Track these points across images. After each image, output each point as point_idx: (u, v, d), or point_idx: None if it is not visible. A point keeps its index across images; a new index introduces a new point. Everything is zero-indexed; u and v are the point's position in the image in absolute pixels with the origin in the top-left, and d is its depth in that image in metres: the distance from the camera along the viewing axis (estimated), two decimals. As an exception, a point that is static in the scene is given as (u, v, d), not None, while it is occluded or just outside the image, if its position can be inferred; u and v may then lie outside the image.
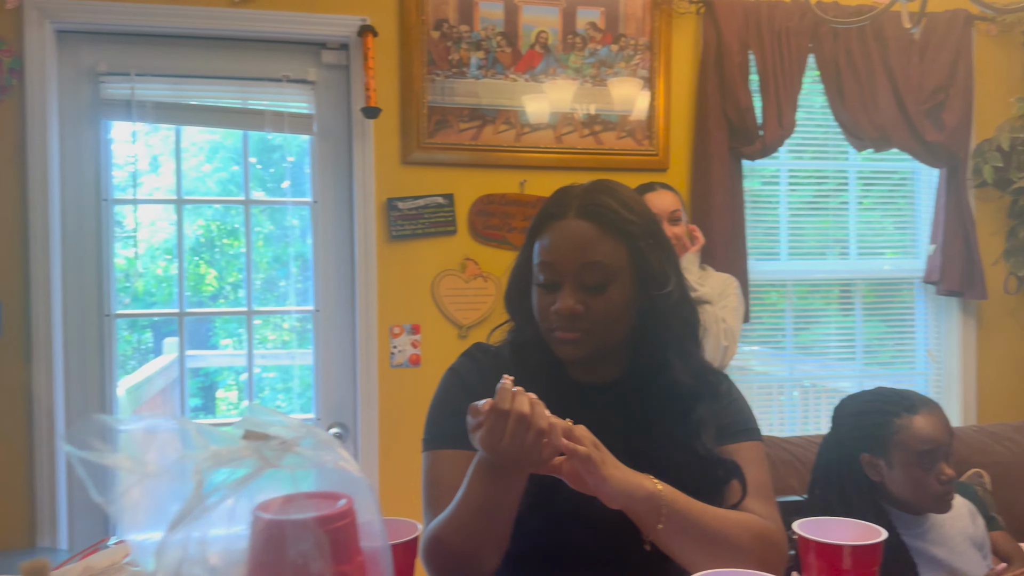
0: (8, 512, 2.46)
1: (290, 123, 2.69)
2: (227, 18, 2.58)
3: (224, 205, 3.25)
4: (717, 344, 2.36)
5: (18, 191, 2.47)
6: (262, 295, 2.79)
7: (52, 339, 2.49)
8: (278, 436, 0.50)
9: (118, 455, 0.43)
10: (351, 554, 0.52)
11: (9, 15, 2.45)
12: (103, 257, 2.60)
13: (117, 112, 2.57)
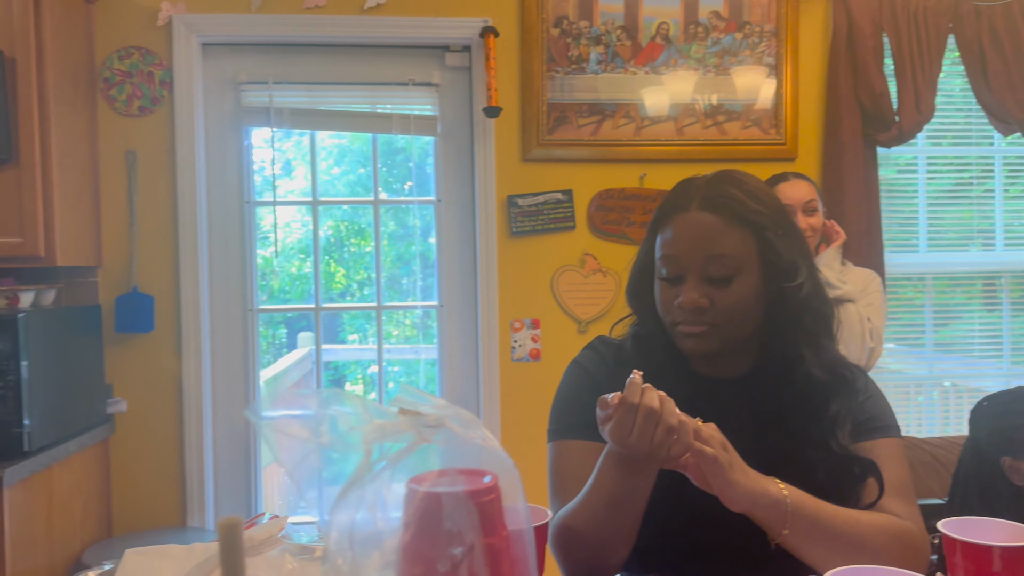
0: (162, 495, 2.66)
1: (416, 125, 2.78)
2: (356, 26, 2.69)
3: (352, 206, 3.39)
4: (862, 345, 2.23)
5: (169, 195, 2.67)
6: (386, 292, 2.90)
7: (200, 333, 2.67)
8: (430, 413, 0.53)
9: (298, 425, 0.47)
10: (497, 528, 0.55)
11: (160, 31, 2.65)
12: (246, 256, 2.77)
13: (257, 119, 2.74)
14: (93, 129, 2.60)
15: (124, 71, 2.62)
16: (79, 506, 2.42)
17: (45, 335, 2.24)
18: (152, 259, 2.66)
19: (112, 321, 2.62)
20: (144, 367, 2.66)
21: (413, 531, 0.48)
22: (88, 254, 2.54)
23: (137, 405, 2.65)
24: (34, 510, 2.16)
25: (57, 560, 2.28)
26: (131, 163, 2.64)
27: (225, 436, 2.76)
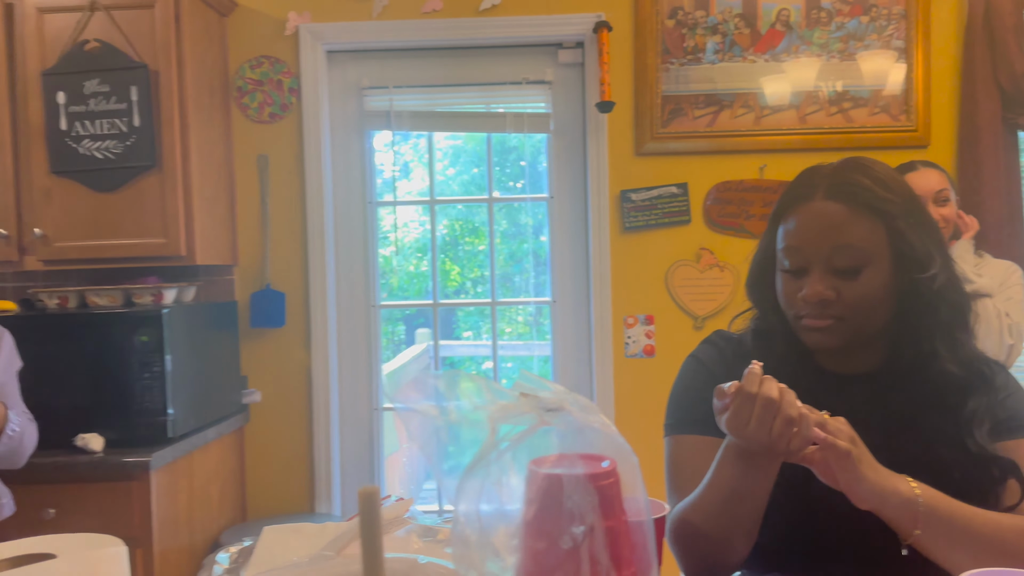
0: (292, 481, 2.81)
1: (529, 123, 2.81)
2: (472, 27, 2.75)
3: (466, 205, 3.46)
4: (1000, 342, 2.09)
5: (298, 196, 2.81)
6: (499, 290, 2.95)
7: (328, 328, 2.80)
8: (550, 397, 0.54)
9: (427, 404, 0.49)
10: (616, 511, 0.56)
11: (288, 40, 2.79)
12: (368, 254, 2.88)
13: (378, 122, 2.84)
14: (228, 135, 2.77)
15: (255, 80, 2.78)
16: (216, 490, 2.59)
17: (187, 330, 2.41)
18: (283, 257, 2.81)
19: (247, 316, 2.78)
20: (276, 360, 2.81)
21: (536, 508, 0.49)
22: (225, 253, 2.71)
23: (270, 396, 2.81)
24: (176, 492, 2.33)
25: (197, 540, 2.45)
26: (263, 167, 2.80)
27: (350, 426, 2.89)
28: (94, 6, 2.39)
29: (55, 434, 2.20)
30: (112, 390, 2.25)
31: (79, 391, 2.26)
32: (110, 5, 2.39)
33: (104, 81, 2.39)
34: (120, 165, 2.40)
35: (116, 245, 2.42)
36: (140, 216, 2.42)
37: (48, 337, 2.27)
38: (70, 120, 2.40)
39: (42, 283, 2.73)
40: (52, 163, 2.41)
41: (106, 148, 2.40)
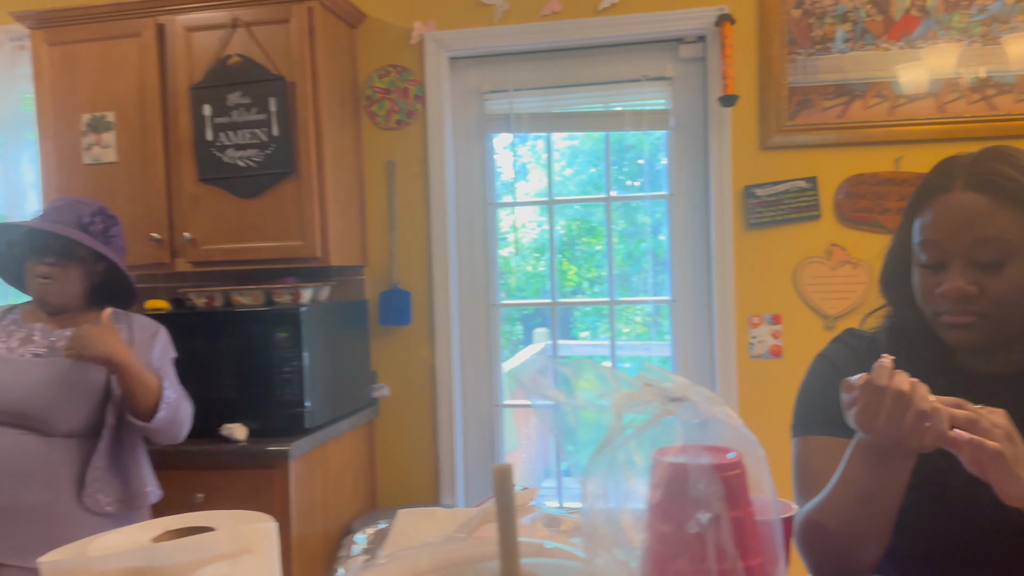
0: (419, 473, 2.91)
1: (648, 120, 2.79)
2: (591, 27, 2.76)
3: (583, 206, 3.47)
4: None
5: (422, 199, 2.91)
6: (616, 290, 2.94)
7: (451, 326, 2.89)
8: (674, 387, 0.55)
9: (555, 390, 0.51)
10: (742, 502, 0.56)
11: (413, 49, 2.89)
12: (488, 254, 2.94)
13: (498, 125, 2.90)
14: (358, 142, 2.90)
15: (383, 88, 2.90)
16: (349, 480, 2.72)
17: (322, 327, 2.54)
18: (409, 258, 2.91)
19: (376, 315, 2.90)
20: (403, 356, 2.92)
21: (662, 493, 0.50)
22: (356, 255, 2.84)
23: (398, 390, 2.92)
24: (312, 481, 2.46)
25: (332, 527, 2.58)
26: (390, 172, 2.91)
27: (473, 421, 2.96)
28: (236, 23, 2.56)
29: (203, 424, 2.37)
30: (254, 383, 2.41)
31: (225, 384, 2.43)
32: (250, 22, 2.56)
33: (246, 94, 2.55)
34: (260, 172, 2.56)
35: (258, 248, 2.58)
36: (279, 220, 2.57)
37: (197, 334, 2.45)
38: (215, 131, 2.58)
39: (191, 283, 2.95)
40: (200, 171, 2.60)
41: (248, 157, 2.57)
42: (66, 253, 1.87)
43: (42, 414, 1.77)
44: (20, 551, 1.74)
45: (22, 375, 1.79)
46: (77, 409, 1.80)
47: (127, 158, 2.65)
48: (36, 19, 2.69)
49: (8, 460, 1.76)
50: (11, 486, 1.75)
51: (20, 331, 1.88)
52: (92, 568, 0.73)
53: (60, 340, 1.87)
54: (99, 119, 2.66)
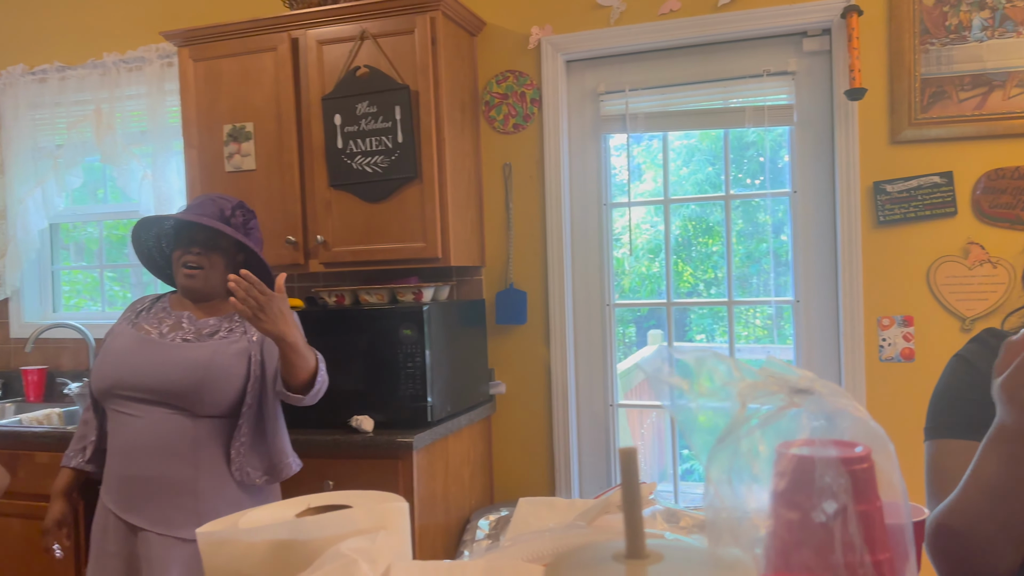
0: (534, 469, 2.95)
1: (770, 116, 2.73)
2: (711, 24, 2.73)
3: (700, 205, 3.41)
4: None
5: (538, 201, 2.95)
6: (735, 292, 2.88)
7: (565, 325, 2.92)
8: (798, 379, 0.56)
9: (678, 378, 0.53)
10: (871, 497, 0.56)
11: (530, 54, 2.94)
12: (603, 255, 2.95)
13: (614, 126, 2.91)
14: (476, 147, 2.97)
15: (501, 93, 2.96)
16: (467, 473, 2.79)
17: (442, 325, 2.63)
18: (525, 259, 2.97)
19: (493, 314, 2.97)
20: (519, 355, 2.97)
21: (787, 482, 0.51)
22: (474, 255, 2.92)
23: (514, 388, 2.98)
24: (434, 473, 2.54)
25: (452, 519, 2.66)
26: (507, 175, 2.97)
27: (587, 420, 2.98)
28: (364, 36, 2.69)
29: (334, 415, 2.50)
30: (380, 377, 2.52)
31: (353, 377, 2.55)
32: (377, 33, 2.67)
33: (373, 103, 2.67)
34: (386, 178, 2.68)
35: (383, 249, 2.70)
36: (403, 223, 2.67)
37: (328, 330, 2.58)
38: (345, 139, 2.71)
39: (322, 283, 3.11)
40: (331, 178, 2.74)
41: (375, 163, 2.69)
42: (210, 244, 2.01)
43: (190, 395, 1.91)
44: (167, 521, 1.89)
45: (173, 359, 1.93)
46: (221, 391, 1.93)
47: (265, 166, 2.83)
48: (183, 37, 2.91)
49: (158, 437, 1.91)
50: (160, 461, 1.90)
51: (170, 318, 2.03)
52: (243, 539, 0.80)
53: (206, 327, 2.01)
54: (239, 129, 2.85)
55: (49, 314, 3.73)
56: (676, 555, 0.46)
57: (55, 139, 3.52)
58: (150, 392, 1.91)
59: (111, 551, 1.93)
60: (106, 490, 1.97)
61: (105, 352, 2.01)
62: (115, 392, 1.94)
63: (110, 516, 1.94)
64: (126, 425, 1.93)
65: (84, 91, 3.44)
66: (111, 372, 1.95)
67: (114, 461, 1.95)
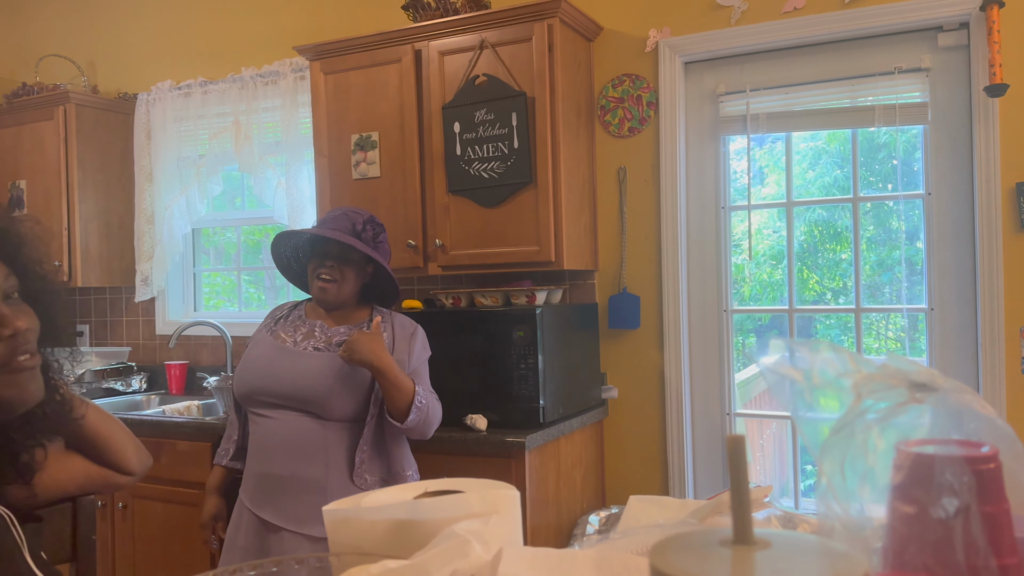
0: (646, 475, 2.92)
1: (902, 115, 2.61)
2: (838, 21, 2.63)
3: (827, 209, 3.28)
4: None
5: (653, 205, 2.93)
6: (864, 301, 2.75)
7: (680, 331, 2.88)
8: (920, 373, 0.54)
9: (793, 368, 0.53)
10: (997, 498, 0.53)
11: (647, 57, 2.93)
12: (721, 259, 2.90)
13: (733, 127, 2.85)
14: (591, 151, 2.98)
15: (617, 97, 2.96)
16: (579, 476, 2.80)
17: (556, 328, 2.65)
18: (639, 263, 2.95)
19: (606, 318, 2.97)
20: (632, 360, 2.95)
21: (905, 476, 0.50)
22: (587, 259, 2.93)
23: (626, 393, 2.96)
24: (546, 473, 2.57)
25: (563, 520, 2.67)
26: (621, 178, 2.97)
27: (702, 428, 2.92)
28: (483, 45, 2.75)
29: (450, 413, 2.56)
30: (494, 378, 2.57)
31: (469, 377, 2.61)
32: (496, 42, 2.74)
33: (490, 110, 2.73)
34: (502, 183, 2.73)
35: (498, 253, 2.75)
36: (517, 227, 2.72)
37: (444, 331, 2.66)
38: (463, 146, 2.78)
39: (440, 286, 3.20)
40: (449, 183, 2.82)
41: (491, 169, 2.74)
42: (342, 257, 2.12)
43: (320, 400, 2.01)
44: (298, 519, 2.00)
45: (305, 366, 2.05)
46: (349, 397, 2.03)
47: (388, 173, 2.94)
48: (314, 52, 3.08)
49: (290, 439, 2.02)
50: (292, 462, 2.02)
51: (304, 326, 2.16)
52: (365, 517, 0.85)
53: (336, 336, 2.11)
54: (365, 138, 2.98)
55: (191, 313, 4.01)
56: (784, 543, 0.46)
57: (198, 149, 3.79)
58: (284, 398, 2.03)
59: (241, 545, 2.05)
60: (243, 487, 2.10)
61: (245, 359, 2.15)
62: (253, 397, 2.08)
63: (244, 511, 2.07)
64: (263, 427, 2.06)
65: (224, 104, 3.68)
66: (250, 379, 2.08)
67: (251, 460, 2.09)
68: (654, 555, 0.46)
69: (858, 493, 0.49)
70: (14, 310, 1.01)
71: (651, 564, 0.45)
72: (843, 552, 0.44)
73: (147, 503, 3.02)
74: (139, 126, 3.88)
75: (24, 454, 1.12)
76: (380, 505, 0.89)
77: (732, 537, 0.47)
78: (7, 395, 1.01)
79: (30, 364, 1.02)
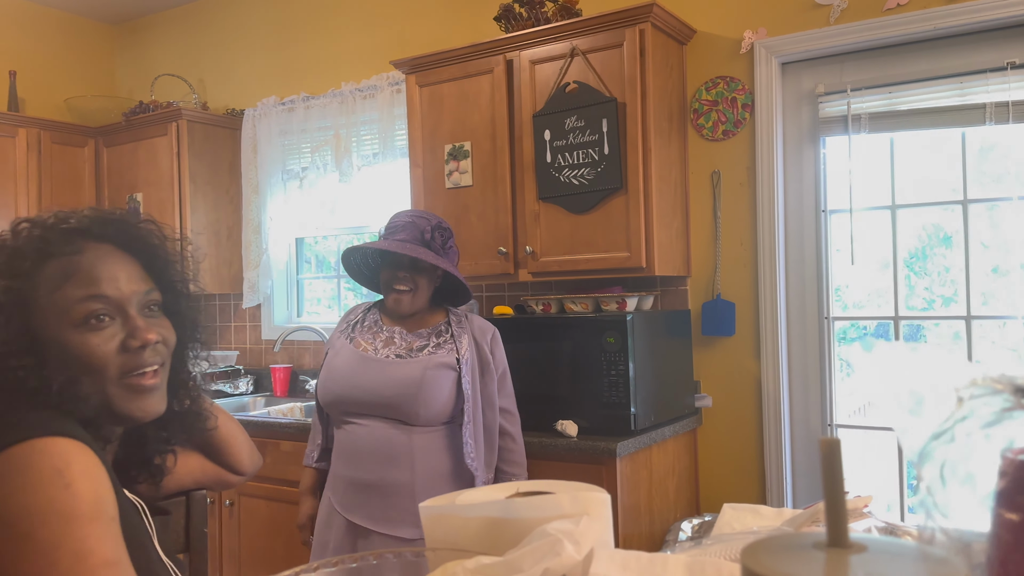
0: (743, 485, 2.86)
1: (1015, 112, 2.47)
2: (945, 16, 2.52)
3: (935, 212, 3.13)
4: None
5: (748, 209, 2.87)
6: (978, 309, 2.61)
7: (778, 338, 2.80)
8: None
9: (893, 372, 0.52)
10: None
11: (742, 59, 2.88)
12: (821, 264, 2.81)
13: (834, 128, 2.76)
14: (683, 155, 2.95)
15: (711, 100, 2.92)
16: (672, 485, 2.76)
17: (646, 334, 2.63)
18: (733, 269, 2.89)
19: (699, 325, 2.92)
20: (726, 368, 2.90)
21: (1009, 482, 0.48)
22: (679, 265, 2.89)
23: (720, 402, 2.90)
24: (637, 481, 2.55)
25: (656, 530, 2.64)
26: (715, 183, 2.92)
27: (802, 439, 2.84)
28: (574, 53, 2.77)
29: (539, 418, 2.59)
30: (584, 384, 2.57)
31: (559, 382, 2.62)
32: (587, 50, 2.75)
33: (580, 117, 2.74)
34: (591, 189, 2.73)
35: (588, 259, 2.75)
36: (607, 233, 2.71)
37: (535, 337, 2.68)
38: (554, 153, 2.80)
39: (530, 292, 3.22)
40: (540, 190, 2.84)
41: (581, 175, 2.75)
42: (414, 266, 2.14)
43: (404, 407, 2.06)
44: (387, 521, 2.05)
45: (388, 376, 2.09)
46: (433, 402, 2.07)
47: (480, 181, 2.99)
48: (410, 65, 3.16)
49: (378, 445, 2.08)
50: (380, 467, 2.07)
51: (382, 333, 2.20)
52: (460, 515, 0.87)
53: (416, 341, 2.16)
54: (458, 148, 3.04)
55: (294, 319, 4.18)
56: (881, 547, 0.45)
57: (301, 162, 3.95)
58: (369, 407, 2.10)
59: (333, 546, 2.11)
60: (332, 489, 2.17)
61: (329, 367, 2.20)
62: (339, 406, 2.15)
63: (334, 513, 2.14)
64: (351, 433, 2.13)
65: (326, 118, 3.83)
66: (335, 388, 2.15)
67: (339, 464, 2.15)
68: (746, 556, 0.46)
69: (959, 501, 0.48)
70: (148, 322, 1.04)
71: (743, 564, 0.46)
72: (942, 557, 0.43)
73: (253, 501, 3.16)
74: (246, 140, 4.08)
75: (157, 457, 1.19)
76: (474, 503, 0.92)
77: (826, 540, 0.46)
78: (126, 408, 1.03)
79: (149, 383, 1.03)
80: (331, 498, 2.16)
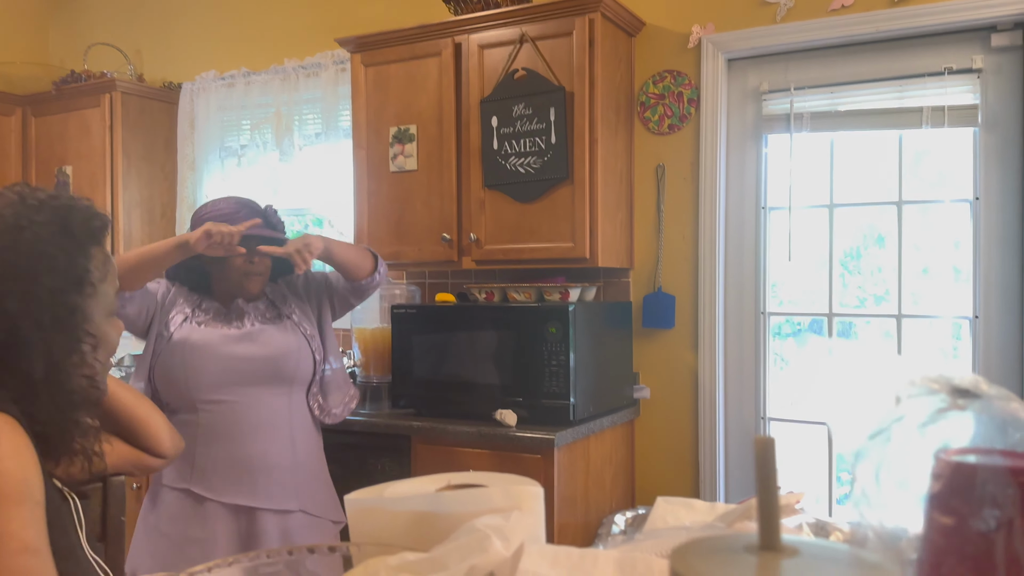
0: (677, 476, 2.89)
1: (951, 117, 2.53)
2: (887, 20, 2.56)
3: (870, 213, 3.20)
4: None
5: (691, 203, 2.89)
6: (907, 308, 2.68)
7: (715, 332, 2.83)
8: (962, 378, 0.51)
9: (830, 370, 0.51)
10: (1044, 514, 0.50)
11: (690, 53, 2.89)
12: (759, 260, 2.85)
13: (776, 126, 2.80)
14: (629, 148, 2.95)
15: (657, 94, 2.93)
16: (609, 475, 2.77)
17: (587, 325, 2.63)
18: (675, 262, 2.91)
19: (640, 317, 2.94)
20: (665, 360, 2.92)
21: (943, 485, 0.47)
22: (622, 257, 2.90)
23: (659, 393, 2.93)
24: (575, 472, 2.55)
25: (591, 520, 2.65)
26: (660, 176, 2.93)
27: (736, 431, 2.88)
28: (523, 39, 2.74)
29: (478, 407, 2.56)
30: (525, 374, 2.55)
31: (500, 371, 2.60)
32: (536, 36, 2.72)
33: (528, 105, 2.72)
34: (537, 178, 2.71)
35: (532, 248, 2.74)
36: (552, 223, 2.70)
37: (477, 325, 2.65)
38: (500, 141, 2.77)
39: (474, 280, 3.19)
40: (486, 178, 2.81)
41: (528, 164, 2.73)
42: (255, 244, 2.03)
43: (292, 366, 2.05)
44: (269, 497, 2.00)
45: (268, 339, 2.05)
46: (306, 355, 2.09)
47: (425, 166, 2.94)
48: (356, 44, 3.09)
49: (259, 418, 2.03)
50: (261, 441, 2.00)
51: (230, 312, 2.06)
52: (388, 508, 0.84)
53: (263, 301, 2.11)
54: (403, 131, 2.98)
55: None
56: (813, 551, 0.44)
57: (239, 139, 3.83)
58: (249, 377, 2.05)
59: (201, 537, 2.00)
60: (192, 479, 2.02)
61: (188, 354, 2.03)
62: (203, 386, 2.05)
63: (208, 503, 2.00)
64: (218, 412, 2.07)
65: (267, 95, 3.72)
66: (200, 365, 2.03)
67: (208, 447, 2.04)
68: (674, 559, 0.44)
69: (893, 502, 0.47)
70: None
71: (671, 568, 0.44)
72: (875, 562, 0.42)
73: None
74: (183, 115, 3.94)
75: (76, 441, 1.13)
76: (402, 496, 0.89)
77: (758, 543, 0.45)
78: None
79: None
80: (194, 489, 1.99)
